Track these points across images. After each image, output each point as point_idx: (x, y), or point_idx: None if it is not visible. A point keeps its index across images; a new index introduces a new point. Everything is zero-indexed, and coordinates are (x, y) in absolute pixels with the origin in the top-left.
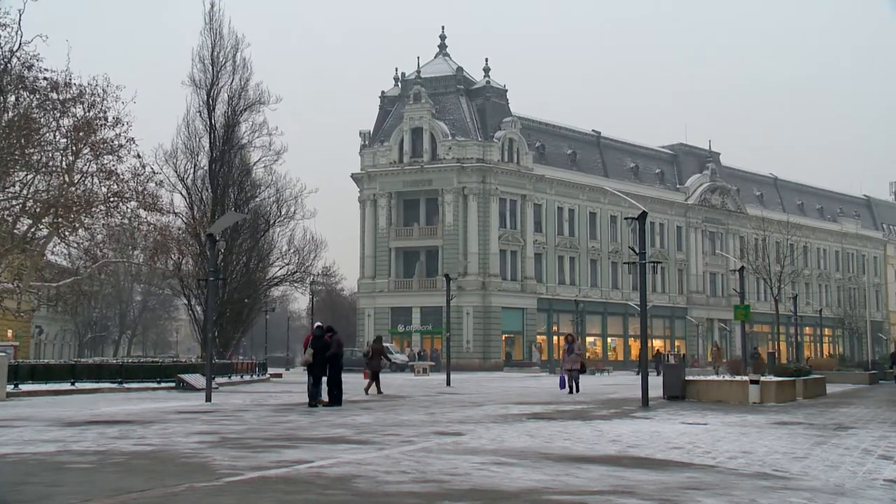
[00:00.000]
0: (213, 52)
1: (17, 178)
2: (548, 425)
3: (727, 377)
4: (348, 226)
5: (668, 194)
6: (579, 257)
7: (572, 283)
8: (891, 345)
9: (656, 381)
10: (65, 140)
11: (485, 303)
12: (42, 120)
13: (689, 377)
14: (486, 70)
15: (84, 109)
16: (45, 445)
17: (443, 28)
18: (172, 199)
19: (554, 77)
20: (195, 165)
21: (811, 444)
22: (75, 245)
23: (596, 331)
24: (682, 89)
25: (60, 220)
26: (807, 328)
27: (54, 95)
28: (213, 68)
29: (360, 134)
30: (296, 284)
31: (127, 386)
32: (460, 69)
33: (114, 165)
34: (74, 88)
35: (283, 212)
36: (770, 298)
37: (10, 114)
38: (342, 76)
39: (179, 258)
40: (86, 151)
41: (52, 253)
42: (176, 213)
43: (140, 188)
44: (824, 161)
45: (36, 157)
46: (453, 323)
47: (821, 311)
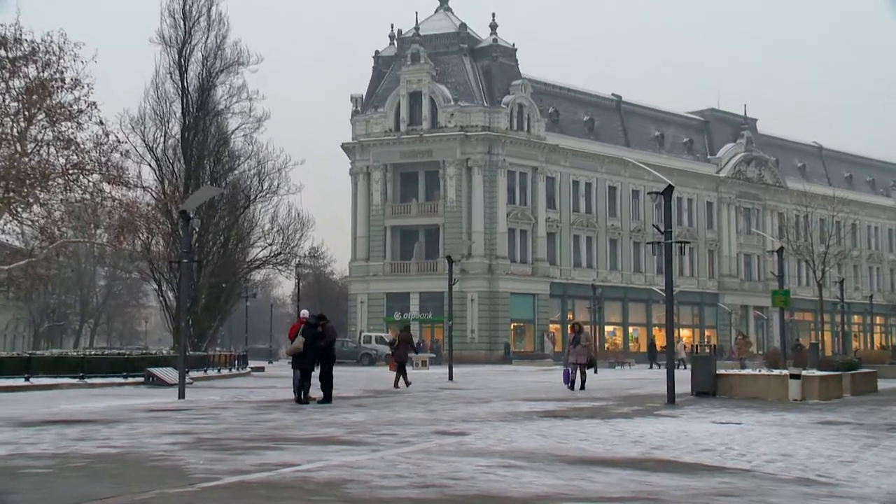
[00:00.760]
0: (185, 4)
1: None
2: (562, 424)
3: (763, 371)
4: (339, 202)
5: (698, 166)
6: (597, 237)
7: (589, 265)
8: None
9: (683, 375)
10: (16, 104)
11: (491, 288)
12: None
13: (721, 371)
14: (493, 27)
15: (38, 69)
16: None
17: None
18: (140, 172)
19: (569, 35)
20: (166, 134)
21: (860, 446)
22: (29, 223)
23: (616, 319)
24: (714, 48)
25: (12, 194)
26: (855, 316)
27: (2, 53)
28: (185, 23)
29: (351, 99)
30: (280, 267)
31: (89, 381)
32: (464, 26)
33: (73, 133)
34: (26, 45)
35: (266, 186)
36: (813, 283)
37: None
38: (331, 34)
39: (148, 238)
40: (40, 117)
41: (3, 232)
42: (144, 188)
43: (103, 159)
44: (876, 128)
45: None
46: (456, 310)
47: (871, 296)
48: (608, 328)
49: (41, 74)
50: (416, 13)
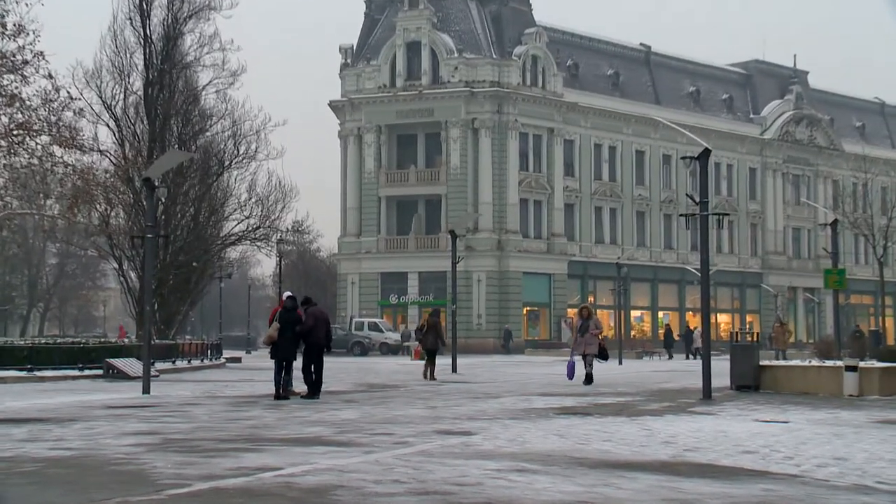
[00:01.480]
0: None
1: None
2: (582, 422)
3: (814, 362)
4: (326, 169)
5: (739, 126)
6: (622, 208)
7: (613, 241)
8: None
9: (718, 368)
10: None
11: (501, 267)
12: None
13: (765, 362)
14: None
15: None
16: None
17: None
18: (96, 133)
19: None
20: (126, 89)
21: None
22: None
23: (644, 303)
24: None
25: None
26: None
27: None
28: None
29: (340, 50)
30: (258, 243)
31: (39, 374)
32: None
33: (17, 88)
34: None
35: (242, 150)
36: (872, 260)
37: None
38: None
39: (107, 209)
40: None
41: None
42: (101, 152)
43: (53, 118)
44: None
45: None
46: (460, 293)
47: None
48: (635, 313)
49: None
50: None
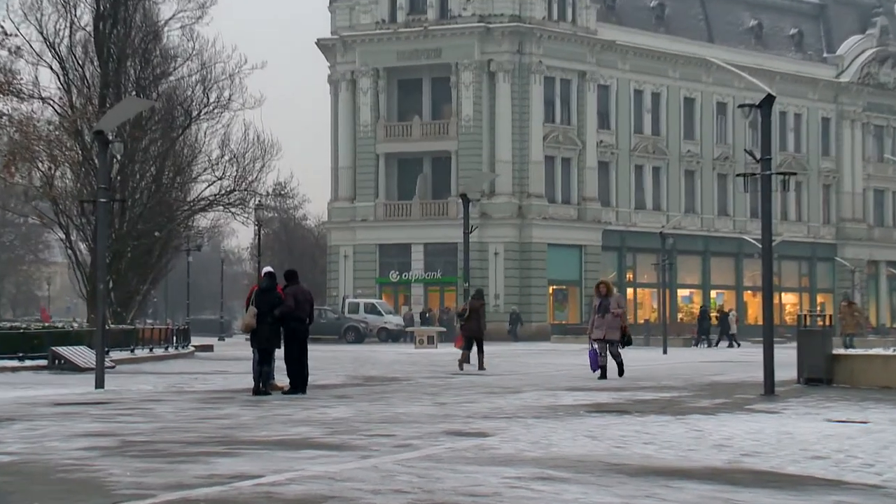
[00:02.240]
0: None
1: None
2: (618, 422)
3: None
4: (314, 121)
5: (810, 68)
6: (667, 167)
7: (657, 207)
8: None
9: (783, 358)
10: None
11: (522, 238)
12: None
13: (839, 351)
14: None
15: None
16: None
17: None
18: (37, 77)
19: None
20: (72, 24)
21: None
22: None
23: (693, 280)
24: None
25: None
26: None
27: None
28: None
29: None
30: (233, 210)
31: None
32: None
33: None
34: None
35: (213, 98)
36: None
37: None
38: None
39: (51, 169)
40: None
41: None
42: (43, 99)
43: None
44: None
45: None
46: (474, 268)
47: None
48: (682, 292)
49: None
50: None
